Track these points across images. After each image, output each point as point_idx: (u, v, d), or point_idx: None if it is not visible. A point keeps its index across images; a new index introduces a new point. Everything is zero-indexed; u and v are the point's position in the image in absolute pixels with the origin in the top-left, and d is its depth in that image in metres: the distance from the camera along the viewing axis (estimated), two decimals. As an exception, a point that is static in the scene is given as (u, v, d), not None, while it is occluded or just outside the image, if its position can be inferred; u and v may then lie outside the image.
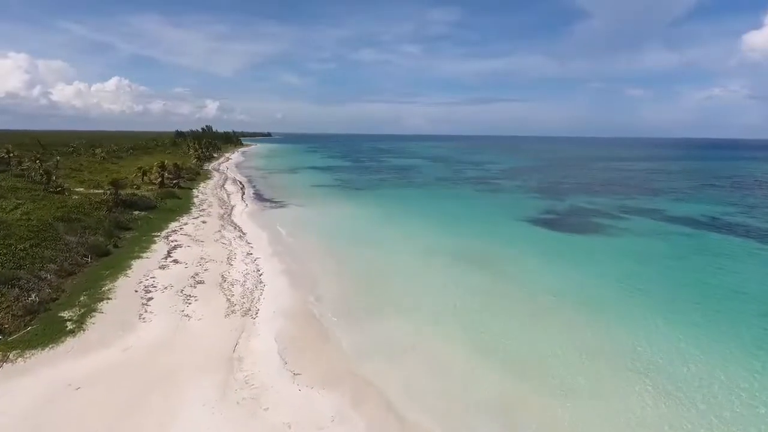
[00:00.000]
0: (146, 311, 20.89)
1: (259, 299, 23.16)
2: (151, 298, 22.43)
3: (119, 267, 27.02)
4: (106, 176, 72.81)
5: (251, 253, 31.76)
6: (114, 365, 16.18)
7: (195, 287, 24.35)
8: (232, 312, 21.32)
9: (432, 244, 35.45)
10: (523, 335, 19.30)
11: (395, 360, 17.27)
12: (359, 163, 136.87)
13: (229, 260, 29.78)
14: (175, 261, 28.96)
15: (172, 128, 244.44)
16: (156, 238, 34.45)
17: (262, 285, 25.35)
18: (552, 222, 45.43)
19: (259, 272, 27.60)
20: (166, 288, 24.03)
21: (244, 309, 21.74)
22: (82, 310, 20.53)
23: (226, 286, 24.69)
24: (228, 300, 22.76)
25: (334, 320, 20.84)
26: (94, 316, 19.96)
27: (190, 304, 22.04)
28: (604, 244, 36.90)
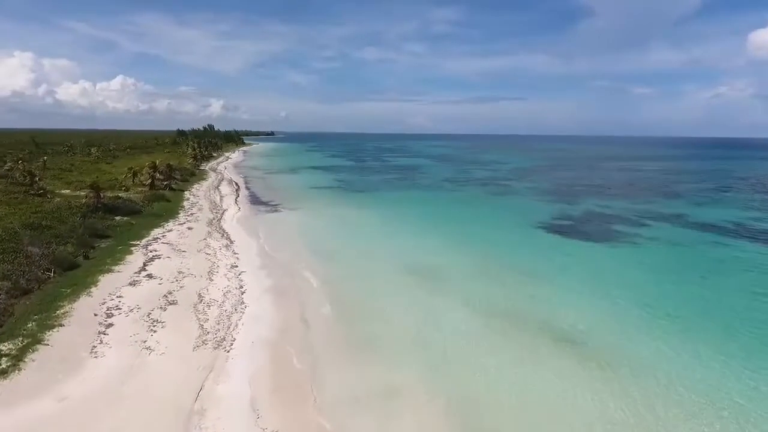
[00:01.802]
0: (101, 342, 17.68)
1: (237, 325, 19.93)
2: (110, 325, 19.22)
3: (84, 283, 23.84)
4: (96, 177, 70.01)
5: (236, 266, 28.55)
6: (44, 422, 12.97)
7: (165, 309, 21.13)
8: (203, 343, 18.08)
9: (437, 256, 32.11)
10: (537, 391, 15.58)
11: (392, 419, 13.93)
12: (362, 163, 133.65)
13: (210, 275, 26.57)
14: (149, 276, 25.76)
15: (176, 127, 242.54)
16: (133, 248, 31.29)
17: (243, 306, 22.11)
18: (567, 229, 42.00)
19: (242, 290, 24.37)
20: (132, 310, 20.83)
21: (218, 339, 18.51)
22: (25, 342, 17.33)
23: (201, 308, 21.47)
24: (201, 326, 19.53)
25: (322, 357, 17.53)
26: (37, 350, 16.76)
27: (155, 331, 18.82)
28: (627, 256, 33.33)
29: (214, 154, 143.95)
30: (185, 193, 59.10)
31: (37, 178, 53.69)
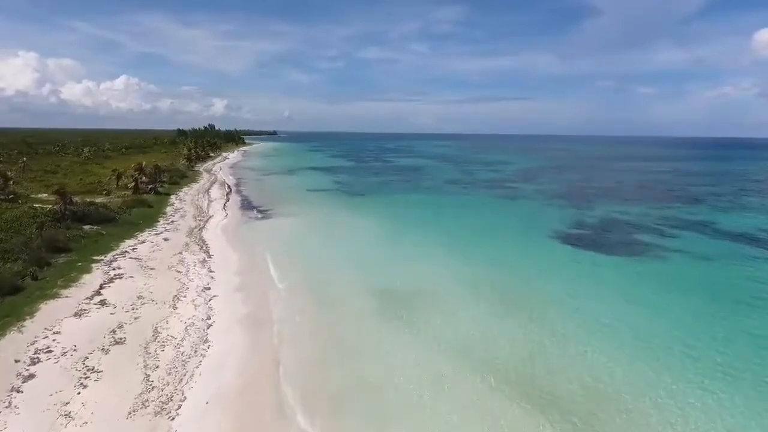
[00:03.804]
0: (9, 405, 13.72)
1: (192, 375, 15.94)
2: (31, 376, 15.28)
3: (19, 313, 19.92)
4: (81, 179, 66.25)
5: (209, 288, 24.59)
6: None
7: (108, 352, 17.18)
8: (143, 405, 14.10)
9: (438, 278, 27.82)
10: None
11: None
12: (363, 164, 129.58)
13: (176, 300, 22.61)
14: (102, 302, 21.83)
15: (180, 127, 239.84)
16: (95, 265, 27.37)
17: (206, 346, 18.15)
18: (586, 240, 37.81)
19: (209, 321, 20.39)
20: (65, 353, 16.89)
21: (164, 397, 14.52)
22: None
23: (153, 350, 17.50)
24: (146, 378, 15.56)
25: (298, 425, 13.51)
26: None
27: (85, 386, 14.86)
28: (656, 277, 28.76)
29: (212, 154, 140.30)
30: (171, 197, 55.19)
31: (11, 182, 50.01)
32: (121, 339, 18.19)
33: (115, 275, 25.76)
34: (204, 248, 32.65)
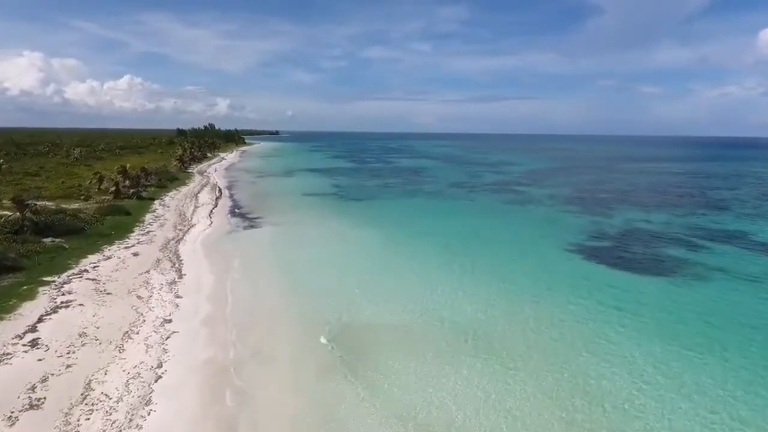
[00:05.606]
0: None
1: (116, 462, 11.95)
2: None
3: None
4: (62, 182, 62.54)
5: (170, 320, 20.61)
6: None
7: (15, 422, 13.19)
8: None
9: (438, 313, 23.45)
10: None
11: None
12: (364, 165, 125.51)
13: (126, 338, 18.64)
14: (34, 342, 17.87)
15: (183, 126, 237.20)
16: (42, 288, 23.44)
17: (146, 410, 14.13)
18: (611, 255, 33.54)
19: (159, 371, 16.36)
20: (-41, 424, 12.94)
21: (66, 504, 10.54)
22: None
23: (75, 418, 13.50)
24: (52, 467, 11.58)
25: None
26: None
27: (-36, 484, 10.90)
28: (700, 306, 24.04)
29: (209, 155, 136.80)
30: (155, 202, 51.27)
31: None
32: (38, 401, 14.20)
33: (62, 303, 21.79)
34: (176, 266, 28.68)
